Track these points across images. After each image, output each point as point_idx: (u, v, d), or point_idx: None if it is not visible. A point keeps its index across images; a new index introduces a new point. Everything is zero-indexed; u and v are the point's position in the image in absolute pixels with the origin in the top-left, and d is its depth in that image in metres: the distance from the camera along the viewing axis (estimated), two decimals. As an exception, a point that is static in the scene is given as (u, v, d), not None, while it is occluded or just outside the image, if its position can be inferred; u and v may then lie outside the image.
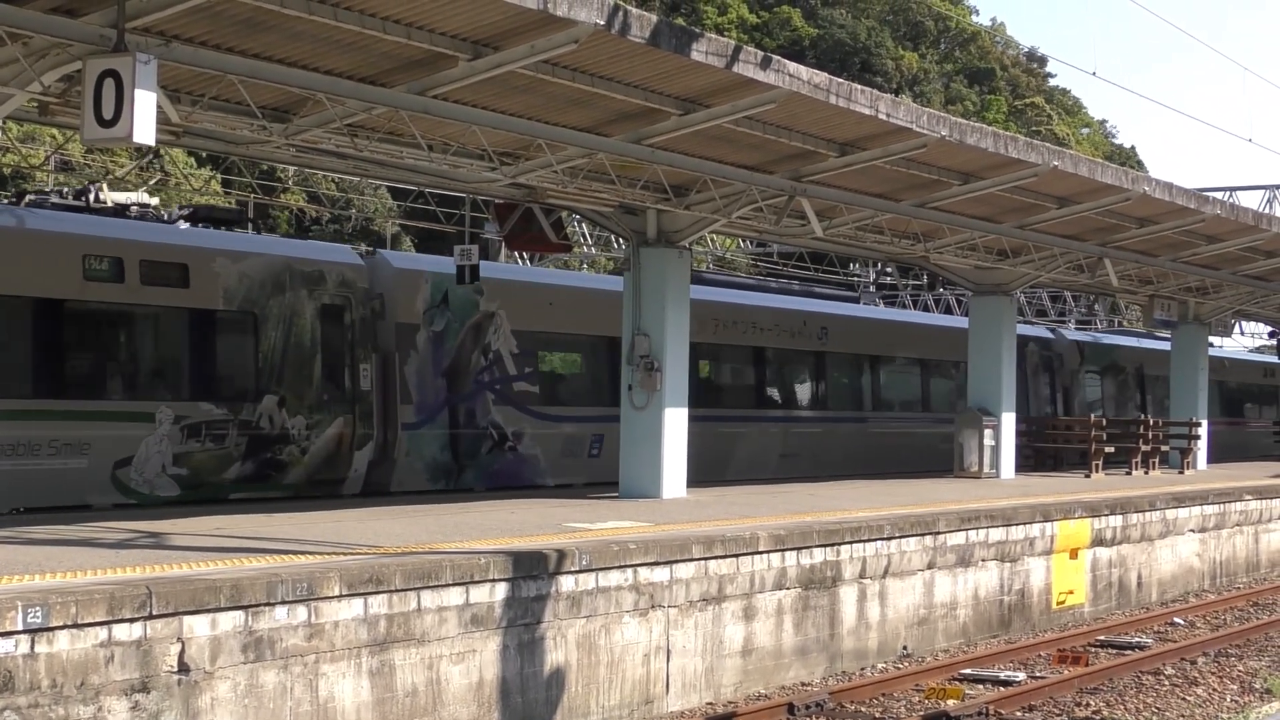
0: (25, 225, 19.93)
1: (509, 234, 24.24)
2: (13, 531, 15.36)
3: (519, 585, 14.36)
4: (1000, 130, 25.03)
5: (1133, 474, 34.90)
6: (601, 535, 16.65)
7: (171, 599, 11.51)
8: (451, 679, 13.73)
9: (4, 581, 11.79)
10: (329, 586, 12.67)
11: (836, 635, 18.53)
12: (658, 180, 21.37)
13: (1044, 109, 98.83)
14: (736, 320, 30.81)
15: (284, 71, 16.12)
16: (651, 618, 15.91)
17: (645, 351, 22.62)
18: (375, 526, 17.05)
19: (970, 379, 31.92)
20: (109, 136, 13.52)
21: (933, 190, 24.66)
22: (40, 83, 14.20)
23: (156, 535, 15.63)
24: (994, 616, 21.52)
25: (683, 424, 22.91)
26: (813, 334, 32.94)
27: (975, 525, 21.10)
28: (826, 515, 20.12)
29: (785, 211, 23.22)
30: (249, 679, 12.07)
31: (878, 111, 20.07)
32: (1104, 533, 24.37)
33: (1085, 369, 43.09)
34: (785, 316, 32.59)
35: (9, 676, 10.51)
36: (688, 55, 17.14)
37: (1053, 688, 17.31)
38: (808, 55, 74.05)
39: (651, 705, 15.89)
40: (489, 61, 16.50)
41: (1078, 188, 26.11)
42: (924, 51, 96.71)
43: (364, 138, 18.03)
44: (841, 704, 16.41)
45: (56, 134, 38.44)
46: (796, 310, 33.25)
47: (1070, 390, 42.10)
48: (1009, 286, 31.84)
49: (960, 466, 31.13)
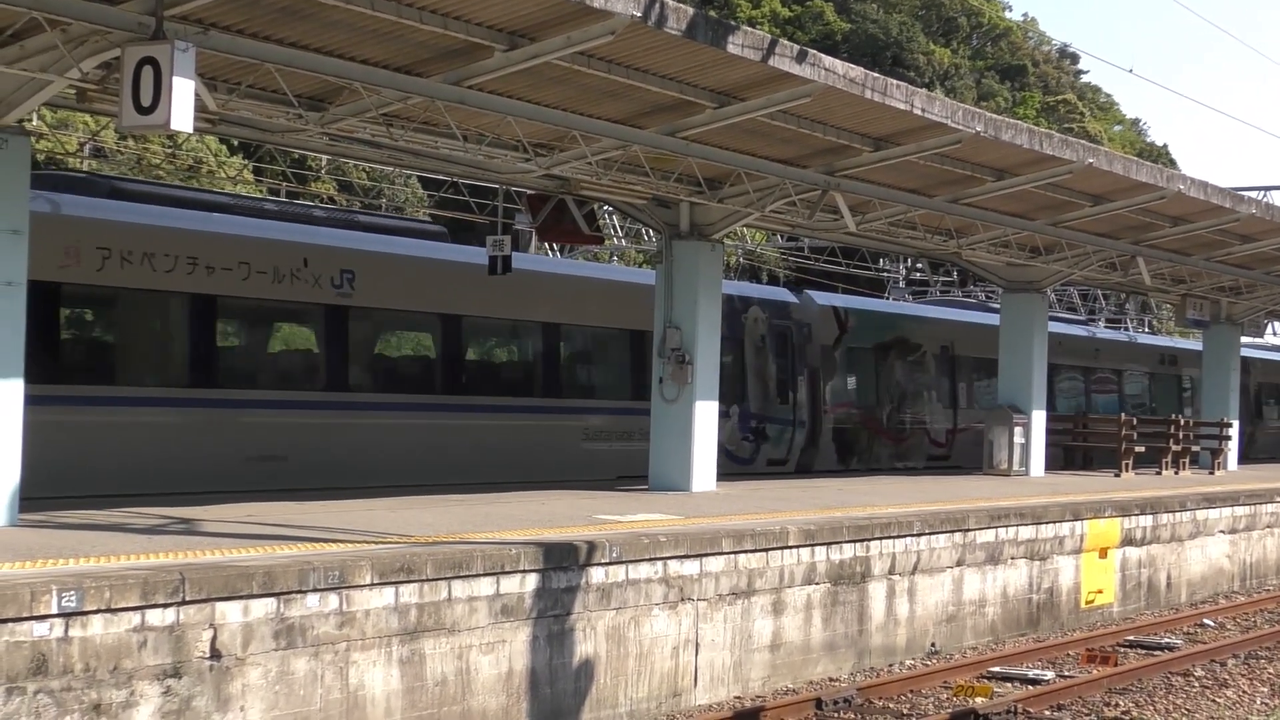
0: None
1: (541, 225, 24.24)
2: (46, 515, 15.42)
3: (549, 576, 14.38)
4: (1034, 127, 24.95)
5: (1163, 474, 34.80)
6: (631, 528, 16.66)
7: (204, 585, 11.55)
8: (481, 669, 13.75)
9: (39, 565, 11.84)
10: (360, 575, 12.70)
11: (865, 631, 18.51)
12: (691, 173, 21.35)
13: (1076, 106, 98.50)
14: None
15: (320, 60, 16.14)
16: (681, 611, 15.91)
17: (677, 344, 22.62)
18: (406, 516, 17.07)
19: (1001, 376, 31.84)
20: (147, 124, 13.55)
21: (966, 186, 24.60)
22: (79, 69, 14.23)
23: (188, 521, 15.68)
24: (1023, 615, 21.48)
25: (713, 417, 22.90)
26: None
27: (1005, 523, 21.06)
28: (856, 511, 20.10)
29: (818, 206, 23.19)
30: (280, 666, 12.11)
31: (913, 106, 20.02)
32: (1134, 532, 24.30)
33: (848, 345, 32.79)
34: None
35: (42, 660, 10.56)
36: (723, 48, 17.12)
37: (1081, 687, 17.27)
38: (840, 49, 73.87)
39: (679, 698, 15.89)
40: (525, 52, 16.50)
41: (1112, 185, 26.02)
42: (955, 47, 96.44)
43: (399, 127, 18.04)
44: (870, 700, 16.40)
45: (90, 121, 38.53)
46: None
47: (819, 374, 31.90)
48: (1041, 284, 31.75)
49: (990, 464, 31.06)
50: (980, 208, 26.26)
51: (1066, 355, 39.70)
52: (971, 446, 33.71)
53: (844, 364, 32.83)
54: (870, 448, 33.50)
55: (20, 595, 10.43)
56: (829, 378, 32.26)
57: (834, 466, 31.81)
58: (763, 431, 30.25)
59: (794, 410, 31.10)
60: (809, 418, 31.48)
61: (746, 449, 29.72)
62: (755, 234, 47.77)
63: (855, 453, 32.85)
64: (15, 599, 10.40)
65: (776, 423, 30.67)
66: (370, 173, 52.30)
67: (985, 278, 33.89)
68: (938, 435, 35.48)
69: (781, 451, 30.75)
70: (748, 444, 29.76)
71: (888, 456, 33.83)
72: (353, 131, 18.19)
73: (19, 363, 14.66)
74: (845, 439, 32.50)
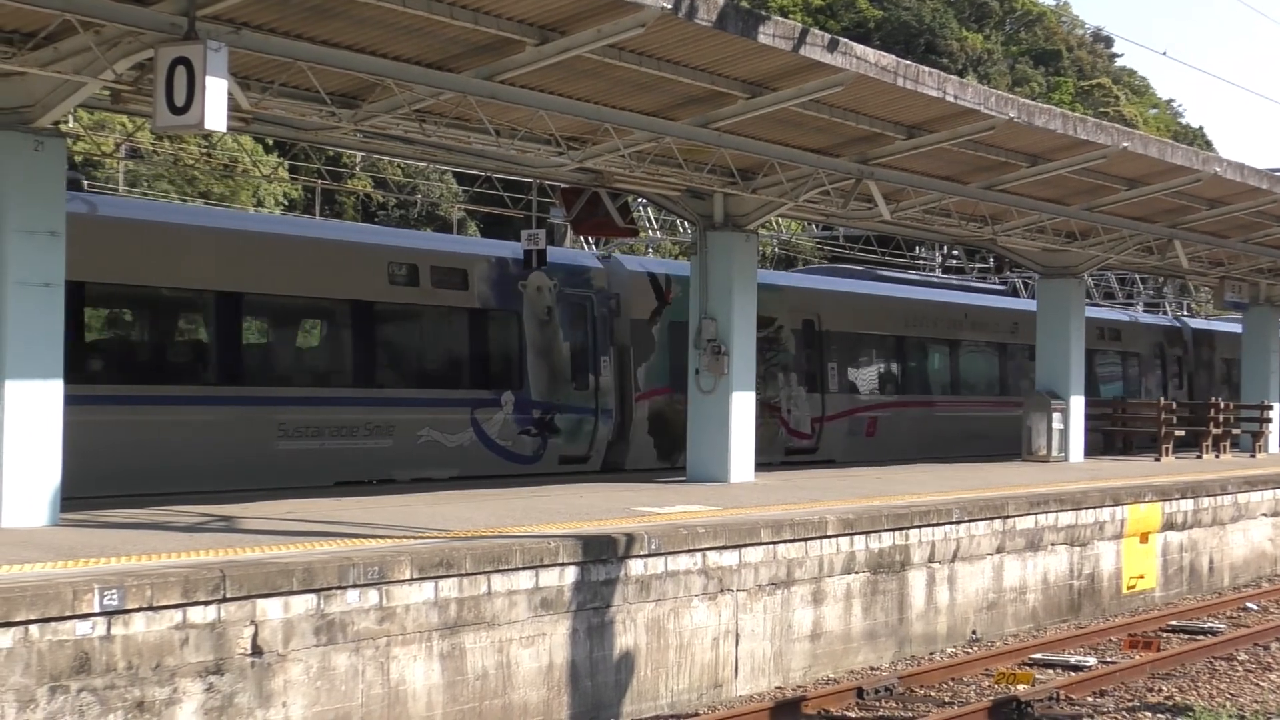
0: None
1: (575, 219, 24.26)
2: (87, 515, 15.51)
3: (588, 569, 14.40)
4: (1068, 111, 24.85)
5: (1203, 457, 34.63)
6: (670, 519, 16.67)
7: (245, 582, 11.60)
8: (521, 662, 13.78)
9: (81, 564, 11.92)
10: (400, 570, 12.75)
11: (905, 619, 18.49)
12: (724, 164, 21.34)
13: (1111, 90, 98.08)
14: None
15: (352, 58, 16.17)
16: (720, 602, 15.92)
17: (712, 335, 22.61)
18: (444, 510, 17.12)
19: (1038, 362, 31.75)
20: (181, 124, 13.61)
21: (1000, 172, 24.52)
22: (113, 71, 14.29)
23: (228, 519, 15.75)
24: (1064, 601, 21.43)
25: (750, 407, 22.88)
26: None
27: (1044, 509, 21.01)
28: (895, 499, 20.07)
29: (852, 195, 23.15)
30: (321, 662, 12.16)
31: (945, 93, 19.97)
32: (1175, 517, 24.21)
33: (672, 319, 27.53)
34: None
35: (85, 658, 10.63)
36: (755, 38, 17.10)
37: (1124, 673, 17.22)
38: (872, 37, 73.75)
39: (720, 689, 15.90)
40: (556, 46, 16.50)
41: (1147, 169, 25.90)
42: (989, 33, 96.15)
43: (432, 123, 18.07)
44: (911, 689, 16.39)
45: (126, 122, 38.71)
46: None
47: (631, 354, 27.33)
48: (1077, 269, 31.63)
49: (1029, 450, 30.97)
50: (1015, 194, 26.17)
51: (976, 330, 35.97)
52: (846, 437, 30.92)
53: (667, 341, 27.42)
54: None
55: (63, 594, 10.51)
56: (644, 357, 27.37)
57: (654, 463, 27.22)
58: (550, 423, 25.54)
59: (596, 397, 26.34)
60: (617, 406, 26.77)
61: (528, 444, 25.08)
62: (790, 224, 47.70)
63: (681, 447, 25.55)
64: (58, 598, 10.47)
65: (571, 412, 25.89)
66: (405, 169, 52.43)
67: (1021, 264, 33.76)
68: (799, 424, 30.28)
69: (580, 447, 26.11)
70: (529, 438, 25.10)
71: None
72: (386, 128, 18.22)
73: (58, 364, 14.77)
74: (668, 430, 27.15)
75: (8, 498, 14.33)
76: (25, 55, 14.27)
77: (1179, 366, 43.70)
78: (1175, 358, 44.05)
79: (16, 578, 11.01)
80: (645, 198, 25.63)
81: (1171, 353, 43.93)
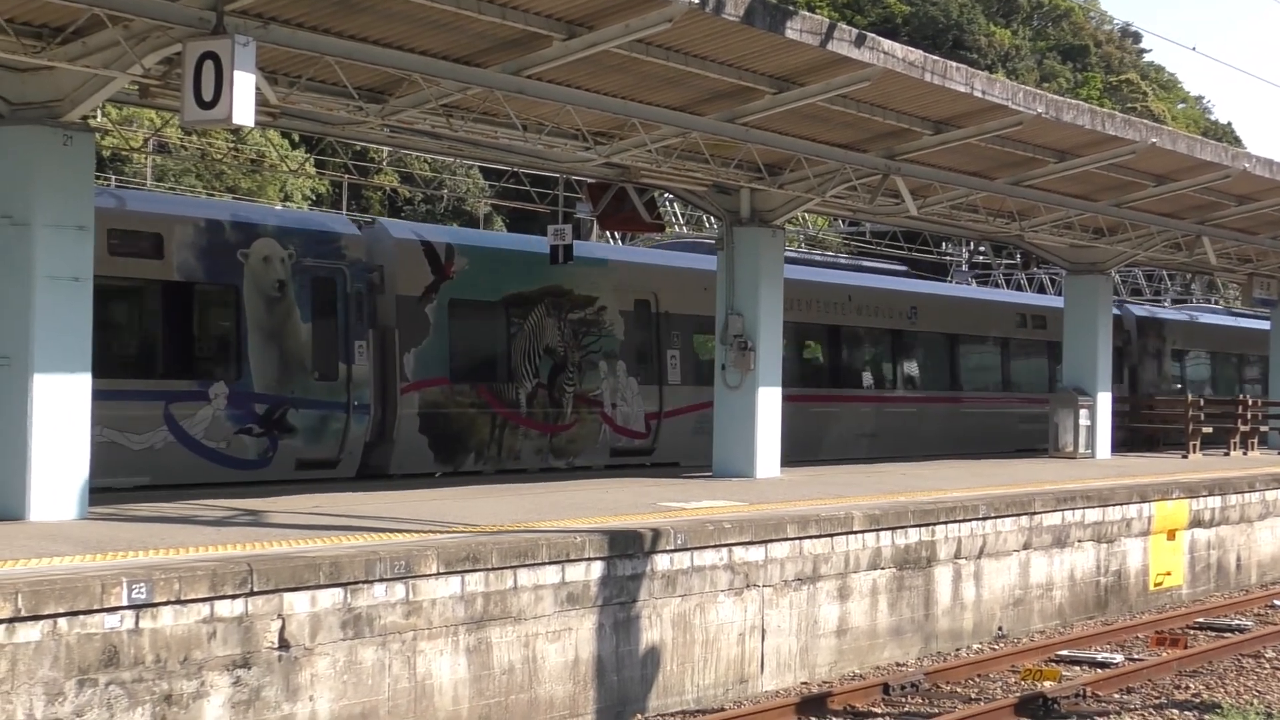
0: None
1: (602, 214, 24.29)
2: (115, 508, 15.56)
3: (614, 564, 14.40)
4: (1096, 107, 24.78)
5: (1231, 454, 34.50)
6: (696, 514, 16.67)
7: (272, 576, 11.63)
8: (548, 657, 13.79)
9: (109, 557, 11.95)
10: (426, 564, 12.76)
11: (931, 615, 18.46)
12: (751, 159, 21.32)
13: (1139, 85, 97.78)
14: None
15: (380, 52, 16.20)
16: (746, 597, 15.91)
17: (739, 331, 22.60)
18: (471, 505, 17.13)
19: (1065, 358, 31.67)
20: (209, 118, 13.66)
21: (1028, 168, 24.46)
22: (141, 65, 14.34)
23: (255, 513, 15.79)
24: (1090, 598, 21.38)
25: (776, 403, 22.86)
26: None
27: (1071, 506, 20.96)
28: (921, 495, 20.04)
29: (879, 190, 23.10)
30: (348, 656, 12.18)
31: (973, 89, 19.93)
32: (1202, 514, 24.13)
33: (453, 297, 23.82)
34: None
35: (114, 652, 10.66)
36: (782, 33, 17.08)
37: (1151, 670, 17.16)
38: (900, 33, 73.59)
39: (746, 684, 15.90)
40: (583, 41, 16.51)
41: (1176, 165, 25.82)
42: (1016, 28, 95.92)
43: (459, 118, 18.10)
44: (937, 684, 16.35)
45: (154, 117, 38.84)
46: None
47: (395, 337, 23.05)
48: (1105, 265, 31.55)
49: (1055, 447, 30.90)
50: (1042, 189, 26.10)
51: (863, 314, 31.47)
52: (694, 436, 25.98)
53: (445, 323, 23.53)
54: (498, 440, 24.28)
55: (91, 588, 10.54)
56: (415, 342, 23.15)
57: (429, 466, 23.31)
58: (282, 421, 21.41)
59: (348, 389, 22.11)
60: (376, 400, 22.58)
61: (250, 446, 21.05)
62: (816, 219, 47.65)
63: (469, 447, 23.65)
64: (86, 591, 10.51)
65: (311, 407, 21.68)
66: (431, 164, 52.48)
67: (1048, 260, 33.67)
68: (628, 421, 26.22)
69: (327, 449, 21.96)
70: (251, 439, 21.04)
71: (534, 451, 24.77)
72: (413, 123, 18.24)
73: (87, 357, 14.82)
74: (446, 429, 23.46)
75: (36, 491, 14.39)
76: (54, 50, 14.32)
77: (1119, 359, 36.67)
78: (1115, 349, 36.07)
79: (45, 571, 11.05)
80: (672, 193, 25.61)
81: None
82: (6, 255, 14.54)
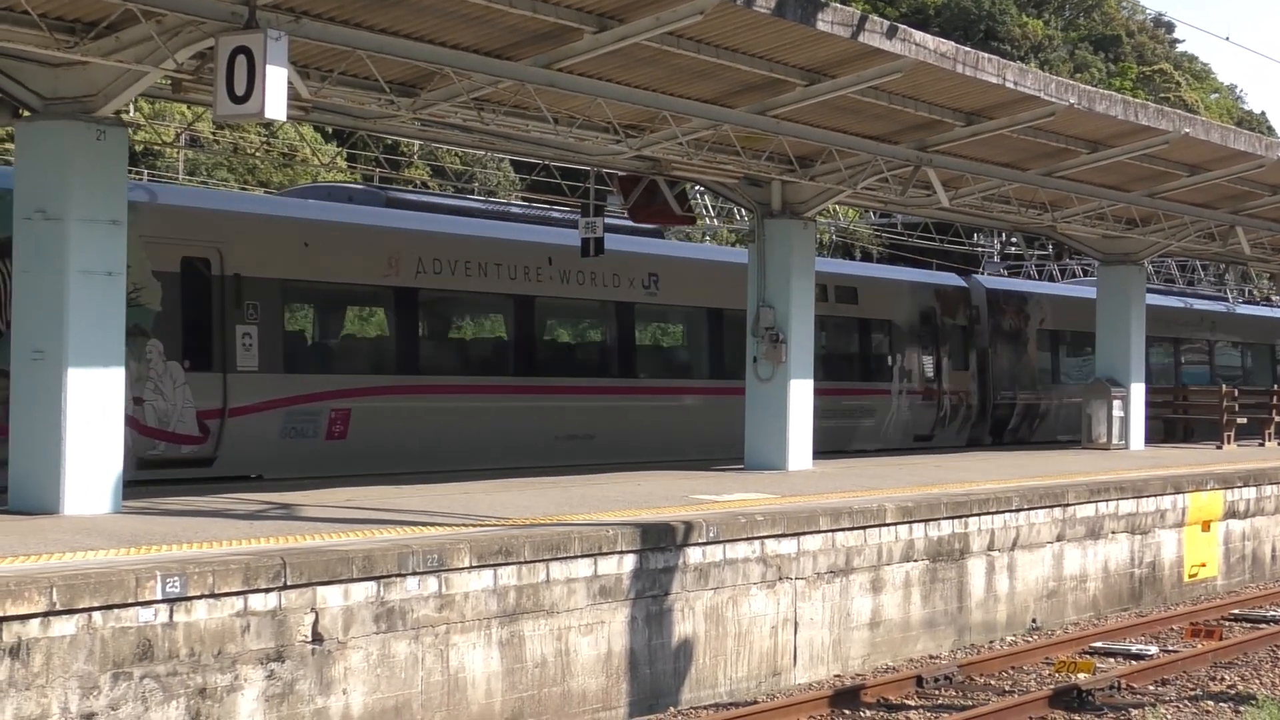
0: None
1: (633, 207, 24.23)
2: (148, 503, 15.61)
3: (647, 557, 14.41)
4: (1129, 97, 24.67)
5: (1266, 445, 34.36)
6: (728, 507, 16.66)
7: (305, 570, 11.66)
8: (580, 650, 13.80)
9: (143, 551, 12.00)
10: (459, 558, 12.78)
11: (964, 608, 18.43)
12: (782, 151, 21.28)
13: (1172, 75, 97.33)
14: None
15: (411, 46, 16.21)
16: (779, 590, 15.90)
17: (770, 323, 22.58)
18: (503, 499, 17.15)
19: (1098, 349, 31.56)
20: (241, 113, 13.67)
21: (1060, 159, 24.38)
22: (174, 60, 14.36)
23: (288, 507, 15.83)
24: (1124, 589, 21.31)
25: (808, 396, 22.83)
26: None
27: (1105, 497, 20.89)
28: (953, 487, 20.00)
29: (911, 182, 23.04)
30: (381, 649, 12.21)
31: (1005, 80, 19.86)
32: (1237, 505, 24.03)
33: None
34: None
35: (148, 645, 10.70)
36: (813, 25, 17.03)
37: (1186, 662, 17.10)
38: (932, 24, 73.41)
39: (779, 677, 15.89)
40: (614, 34, 16.49)
41: (1209, 155, 25.70)
42: (1048, 19, 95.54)
43: (490, 111, 18.08)
44: (971, 677, 16.33)
45: (185, 111, 38.92)
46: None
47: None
48: (1138, 255, 31.43)
49: (1089, 438, 30.79)
50: (1075, 180, 26.01)
51: (570, 283, 25.18)
52: (281, 440, 20.74)
53: None
54: None
55: (125, 581, 10.58)
56: None
57: None
58: None
59: None
60: None
61: None
62: (848, 211, 47.56)
63: None
64: (120, 585, 10.55)
65: None
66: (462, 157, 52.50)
67: (1081, 250, 33.55)
68: (167, 421, 19.61)
69: None
70: None
71: None
72: (444, 116, 18.25)
73: (120, 351, 14.87)
74: None
75: (70, 485, 14.44)
76: (87, 44, 14.36)
77: (962, 341, 32.36)
78: (955, 329, 32.47)
79: (80, 565, 11.10)
80: (703, 185, 25.58)
81: (948, 322, 32.28)
82: (40, 250, 14.61)
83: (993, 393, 33.32)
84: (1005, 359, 33.92)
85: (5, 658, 9.99)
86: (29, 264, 14.72)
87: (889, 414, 30.58)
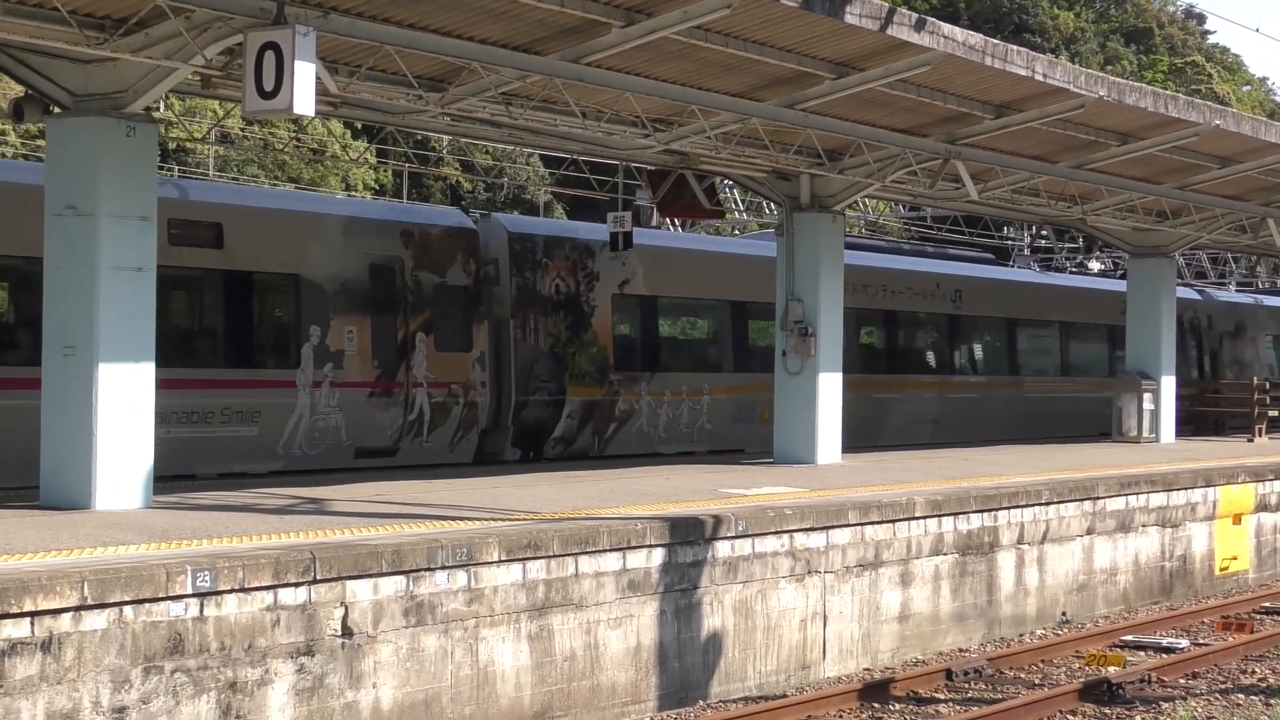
0: None
1: (661, 200, 24.20)
2: (179, 497, 15.67)
3: (675, 551, 14.41)
4: (1159, 90, 24.59)
5: (1298, 438, 34.22)
6: (757, 501, 16.66)
7: (334, 564, 11.69)
8: (609, 643, 13.82)
9: (173, 546, 12.05)
10: (488, 552, 12.80)
11: (994, 601, 18.40)
12: (810, 145, 21.26)
13: (1204, 68, 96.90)
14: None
15: (439, 41, 16.24)
16: (808, 583, 15.90)
17: (799, 317, 22.55)
18: (532, 493, 17.17)
19: (1129, 342, 31.46)
20: (270, 108, 13.71)
21: (1090, 151, 24.30)
22: (203, 56, 14.41)
23: (317, 501, 15.87)
24: (1155, 583, 21.25)
25: (837, 389, 22.80)
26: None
27: (1135, 490, 20.84)
28: (983, 480, 19.97)
29: (940, 175, 23.01)
30: (410, 643, 12.24)
31: (1034, 72, 19.81)
32: (1268, 498, 23.93)
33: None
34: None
35: (179, 639, 10.75)
36: (841, 18, 17.01)
37: (1217, 655, 17.05)
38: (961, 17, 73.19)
39: (808, 671, 15.88)
40: (642, 28, 16.49)
41: (1240, 147, 25.59)
42: (1079, 11, 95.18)
43: (518, 106, 18.10)
44: (1000, 670, 16.30)
45: (217, 108, 39.02)
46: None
47: None
48: (1168, 248, 31.33)
49: (1119, 431, 30.70)
50: (1104, 173, 25.93)
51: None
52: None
53: None
54: None
55: (156, 576, 10.63)
56: None
57: None
58: None
59: None
60: None
61: None
62: (877, 204, 47.48)
63: None
64: (151, 579, 10.60)
65: None
66: (492, 152, 52.56)
67: (1111, 243, 33.44)
68: None
69: None
70: None
71: None
72: (473, 111, 18.29)
73: (151, 347, 14.92)
74: None
75: (102, 480, 14.50)
76: (117, 41, 14.42)
77: (462, 310, 23.19)
78: (446, 291, 23.01)
79: (111, 559, 11.15)
80: (731, 179, 25.57)
81: (429, 281, 22.81)
82: (71, 246, 14.67)
83: (519, 386, 23.75)
84: (547, 337, 24.33)
85: (37, 652, 10.05)
86: (60, 260, 14.78)
87: (293, 418, 20.86)
